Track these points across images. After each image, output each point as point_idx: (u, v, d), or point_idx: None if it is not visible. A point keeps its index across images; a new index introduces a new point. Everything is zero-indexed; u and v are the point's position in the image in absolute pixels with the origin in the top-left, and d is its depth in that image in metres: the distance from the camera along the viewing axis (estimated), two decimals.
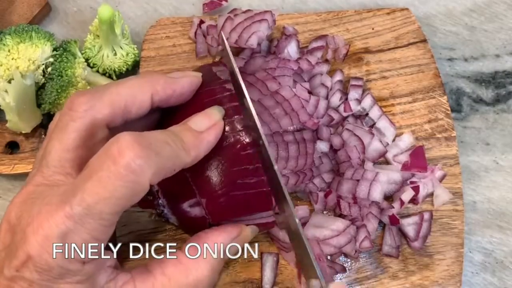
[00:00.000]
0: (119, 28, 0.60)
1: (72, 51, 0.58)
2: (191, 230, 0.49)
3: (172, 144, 0.38)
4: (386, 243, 0.55)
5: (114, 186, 0.35)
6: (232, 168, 0.43)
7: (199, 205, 0.45)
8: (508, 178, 0.62)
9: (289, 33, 0.61)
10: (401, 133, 0.59)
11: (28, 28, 0.56)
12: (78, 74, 0.58)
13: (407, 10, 0.64)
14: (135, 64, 0.62)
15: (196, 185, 0.44)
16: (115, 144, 0.35)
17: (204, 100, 0.45)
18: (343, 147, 0.56)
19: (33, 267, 0.35)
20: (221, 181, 0.43)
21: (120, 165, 0.34)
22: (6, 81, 0.54)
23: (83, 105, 0.40)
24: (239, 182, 0.43)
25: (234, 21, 0.59)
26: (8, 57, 0.54)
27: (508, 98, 0.65)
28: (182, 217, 0.46)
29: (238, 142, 0.43)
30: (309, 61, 0.58)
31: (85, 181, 0.35)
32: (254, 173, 0.43)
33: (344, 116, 0.58)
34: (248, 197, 0.44)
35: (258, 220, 0.47)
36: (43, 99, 0.56)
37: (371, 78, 0.61)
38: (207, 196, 0.44)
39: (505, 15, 0.68)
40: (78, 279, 0.37)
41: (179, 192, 0.45)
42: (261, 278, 0.54)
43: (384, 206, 0.55)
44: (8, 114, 0.56)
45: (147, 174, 0.35)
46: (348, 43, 0.62)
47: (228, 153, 0.43)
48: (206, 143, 0.41)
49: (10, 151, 0.59)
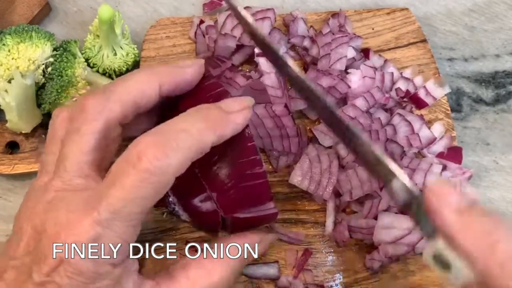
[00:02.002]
0: (119, 28, 0.60)
1: (72, 51, 0.58)
2: (204, 225, 0.50)
3: (193, 130, 0.38)
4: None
5: (138, 189, 0.35)
6: (240, 159, 0.44)
7: (210, 199, 0.45)
8: (508, 178, 0.62)
9: (296, 15, 0.62)
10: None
11: (28, 28, 0.56)
12: (78, 74, 0.57)
13: (407, 10, 0.64)
14: (135, 64, 0.62)
15: (206, 180, 0.45)
16: (134, 149, 0.36)
17: (211, 92, 0.45)
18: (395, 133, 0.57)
19: (64, 272, 0.35)
20: (230, 173, 0.44)
21: (141, 170, 0.35)
22: (6, 81, 0.54)
23: (95, 107, 0.40)
24: (248, 173, 0.44)
25: (234, 18, 0.59)
26: (8, 57, 0.54)
27: (508, 98, 0.65)
28: (194, 212, 0.47)
29: (244, 134, 0.44)
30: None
31: (109, 187, 0.36)
32: (260, 163, 0.44)
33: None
34: (257, 187, 0.44)
35: (263, 212, 0.47)
36: (43, 99, 0.56)
37: None
38: (218, 189, 0.44)
39: (505, 15, 0.68)
40: (107, 283, 0.37)
41: (189, 188, 0.46)
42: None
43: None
44: (8, 114, 0.56)
45: (169, 172, 0.36)
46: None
47: (234, 146, 0.44)
48: (233, 124, 0.41)
49: (10, 151, 0.59)
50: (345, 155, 0.54)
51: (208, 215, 0.46)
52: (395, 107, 0.59)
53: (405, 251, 0.52)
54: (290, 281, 0.53)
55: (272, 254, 0.55)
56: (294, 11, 0.63)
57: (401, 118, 0.57)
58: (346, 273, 0.55)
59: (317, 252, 0.55)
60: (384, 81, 0.58)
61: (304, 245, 0.55)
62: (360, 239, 0.55)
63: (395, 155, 0.56)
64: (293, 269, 0.54)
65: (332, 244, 0.55)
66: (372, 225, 0.53)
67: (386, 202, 0.54)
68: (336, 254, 0.55)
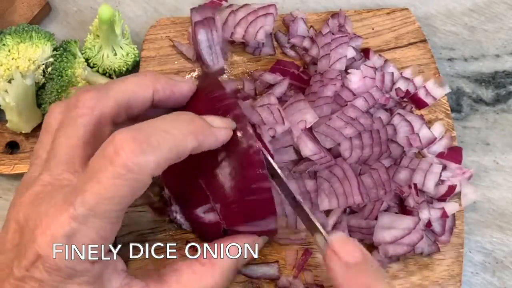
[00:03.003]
0: (119, 28, 0.60)
1: (72, 51, 0.58)
2: (205, 236, 0.49)
3: (174, 131, 0.37)
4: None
5: (114, 186, 0.35)
6: (246, 172, 0.43)
7: (213, 211, 0.45)
8: (508, 178, 0.62)
9: (296, 15, 0.62)
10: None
11: (28, 28, 0.56)
12: (78, 74, 0.58)
13: (407, 10, 0.64)
14: (135, 64, 0.62)
15: (210, 191, 0.44)
16: (111, 144, 0.35)
17: (216, 106, 0.45)
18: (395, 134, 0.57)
19: (42, 267, 0.35)
20: (236, 186, 0.44)
21: (118, 165, 0.34)
22: (6, 81, 0.54)
23: (89, 101, 0.40)
24: (253, 186, 0.44)
25: (236, 16, 0.60)
26: (8, 57, 0.54)
27: (508, 98, 0.65)
28: (196, 222, 0.47)
29: (252, 148, 0.43)
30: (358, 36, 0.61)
31: (85, 182, 0.35)
32: (266, 178, 0.44)
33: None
34: (261, 202, 0.44)
35: (264, 227, 0.47)
36: (43, 99, 0.56)
37: None
38: (222, 201, 0.44)
39: (505, 15, 0.68)
40: (86, 279, 0.37)
41: (193, 198, 0.46)
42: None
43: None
44: (8, 114, 0.56)
45: (146, 169, 0.35)
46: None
47: (241, 158, 0.43)
48: (214, 136, 0.41)
49: (10, 151, 0.59)
50: (348, 155, 0.54)
51: (210, 226, 0.46)
52: (395, 107, 0.59)
53: (405, 251, 0.52)
54: (290, 281, 0.53)
55: (272, 254, 0.55)
56: (294, 11, 0.63)
57: (401, 118, 0.57)
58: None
59: (317, 252, 0.55)
60: (384, 81, 0.58)
61: (304, 245, 0.55)
62: (360, 239, 0.55)
63: (395, 155, 0.57)
64: (293, 269, 0.54)
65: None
66: (372, 225, 0.53)
67: (386, 202, 0.54)
68: None
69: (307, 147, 0.52)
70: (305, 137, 0.53)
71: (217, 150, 0.43)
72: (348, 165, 0.53)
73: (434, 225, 0.55)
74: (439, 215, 0.55)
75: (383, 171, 0.53)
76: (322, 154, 0.52)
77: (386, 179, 0.53)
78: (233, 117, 0.44)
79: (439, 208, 0.55)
